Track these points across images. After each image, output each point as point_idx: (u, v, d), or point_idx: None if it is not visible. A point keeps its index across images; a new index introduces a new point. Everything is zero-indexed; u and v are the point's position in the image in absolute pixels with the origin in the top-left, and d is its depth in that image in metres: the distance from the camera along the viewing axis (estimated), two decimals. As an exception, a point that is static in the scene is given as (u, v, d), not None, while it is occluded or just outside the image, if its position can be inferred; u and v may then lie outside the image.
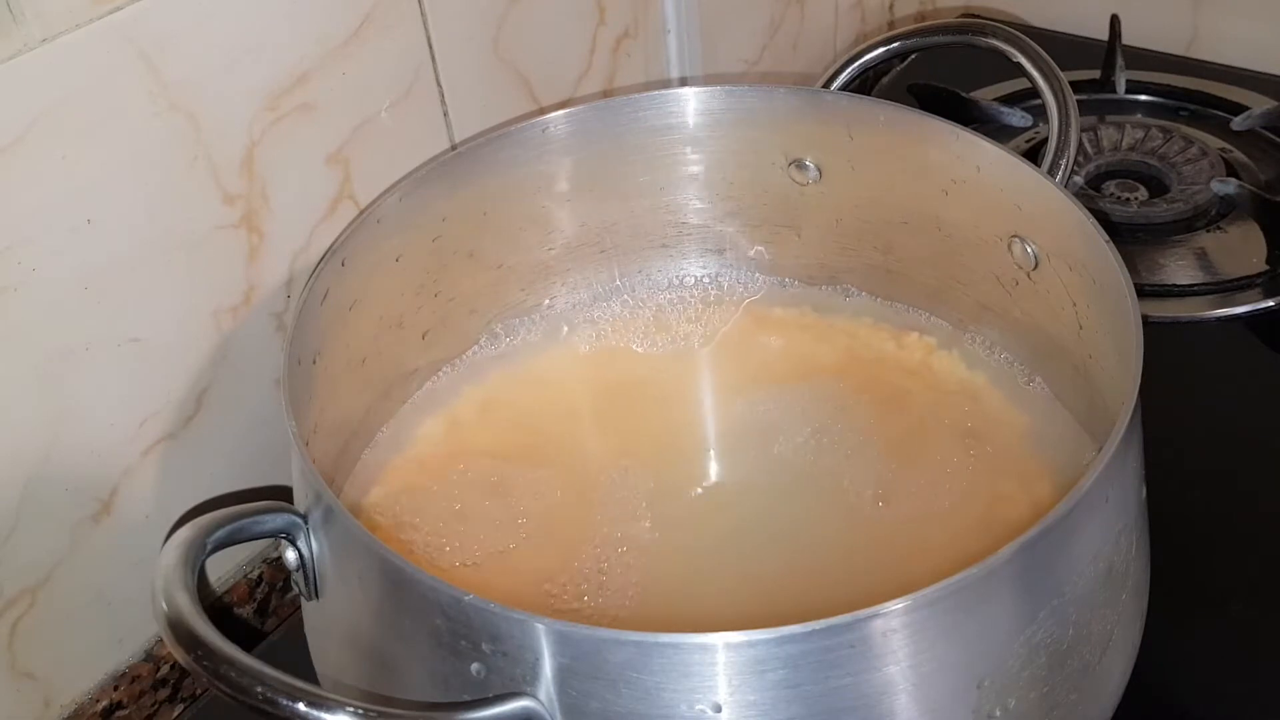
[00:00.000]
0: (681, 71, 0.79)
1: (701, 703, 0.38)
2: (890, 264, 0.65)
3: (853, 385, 0.62)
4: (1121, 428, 0.43)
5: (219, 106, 0.54)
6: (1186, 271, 0.75)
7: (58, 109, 0.48)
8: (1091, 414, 0.57)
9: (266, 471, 0.62)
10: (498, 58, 0.66)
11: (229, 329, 0.58)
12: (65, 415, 0.53)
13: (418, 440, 0.61)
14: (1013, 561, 0.39)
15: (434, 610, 0.40)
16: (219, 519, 0.44)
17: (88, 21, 0.48)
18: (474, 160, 0.60)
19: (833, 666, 0.38)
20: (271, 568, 0.64)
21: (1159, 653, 0.50)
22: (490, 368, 0.64)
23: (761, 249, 0.68)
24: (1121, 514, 0.45)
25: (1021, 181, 0.56)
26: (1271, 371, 0.71)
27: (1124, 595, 0.46)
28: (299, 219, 0.59)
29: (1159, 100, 0.90)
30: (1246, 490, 0.64)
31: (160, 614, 0.39)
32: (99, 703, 0.58)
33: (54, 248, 0.50)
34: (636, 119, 0.63)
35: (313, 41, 0.56)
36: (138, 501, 0.57)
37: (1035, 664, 0.42)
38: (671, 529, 0.56)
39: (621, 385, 0.64)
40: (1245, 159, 0.83)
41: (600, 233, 0.66)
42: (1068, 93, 0.62)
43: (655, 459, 0.59)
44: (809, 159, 0.64)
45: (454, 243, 0.61)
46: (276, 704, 0.37)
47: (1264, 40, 0.93)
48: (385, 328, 0.60)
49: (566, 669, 0.38)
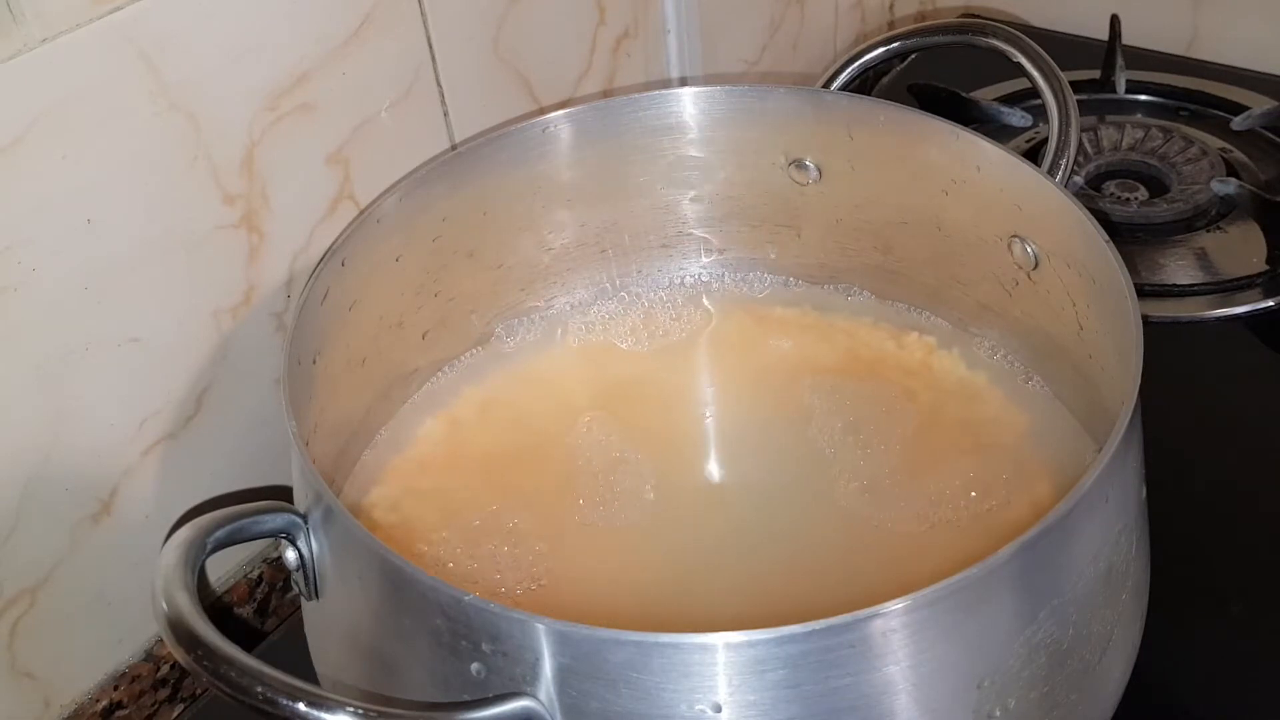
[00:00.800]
0: (681, 71, 0.79)
1: (701, 703, 0.38)
2: (890, 264, 0.65)
3: (853, 385, 0.62)
4: (1121, 428, 0.43)
5: (219, 106, 0.54)
6: (1186, 271, 0.75)
7: (58, 109, 0.48)
8: (1091, 414, 0.57)
9: (266, 471, 0.62)
10: (498, 58, 0.66)
11: (229, 329, 0.58)
12: (65, 415, 0.53)
13: (417, 440, 0.61)
14: (1013, 561, 0.39)
15: (434, 610, 0.40)
16: (219, 519, 0.44)
17: (88, 21, 0.48)
18: (474, 160, 0.60)
19: (833, 666, 0.38)
20: (271, 568, 0.64)
21: (1159, 653, 0.50)
22: (490, 368, 0.64)
23: (761, 249, 0.68)
24: (1121, 514, 0.45)
25: (1021, 181, 0.56)
26: (1271, 371, 0.71)
27: (1124, 595, 0.46)
28: (299, 219, 0.59)
29: (1159, 100, 0.90)
30: (1246, 490, 0.64)
31: (160, 614, 0.39)
32: (99, 702, 0.58)
33: (54, 248, 0.50)
34: (636, 119, 0.63)
35: (313, 41, 0.56)
36: (138, 501, 0.57)
37: (1035, 664, 0.42)
38: (672, 528, 0.56)
39: (621, 385, 0.64)
40: (1245, 159, 0.83)
41: (600, 233, 0.66)
42: (1068, 93, 0.62)
43: (655, 459, 0.59)
44: (809, 159, 0.64)
45: (454, 243, 0.61)
46: (276, 704, 0.37)
47: (1264, 40, 0.93)
48: (385, 328, 0.60)
49: (566, 669, 0.38)
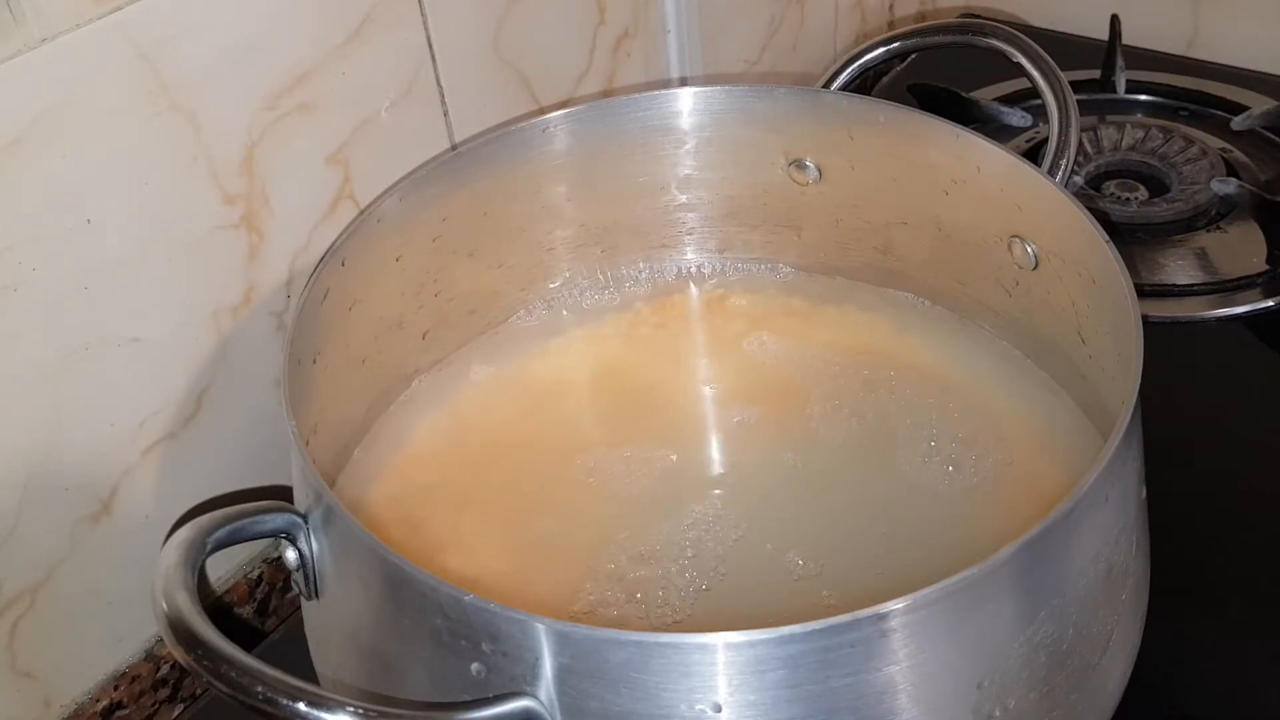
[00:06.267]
0: (681, 71, 0.79)
1: (701, 703, 0.38)
2: (890, 264, 0.65)
3: (853, 384, 0.62)
4: (1121, 428, 0.43)
5: (219, 106, 0.54)
6: (1186, 271, 0.75)
7: (58, 109, 0.48)
8: (1092, 413, 0.57)
9: (266, 471, 0.62)
10: (498, 57, 0.66)
11: (229, 329, 0.58)
12: (65, 415, 0.53)
13: (417, 439, 0.61)
14: (1013, 561, 0.39)
15: (434, 610, 0.40)
16: (219, 519, 0.44)
17: (88, 21, 0.48)
18: (474, 160, 0.60)
19: (833, 666, 0.38)
20: (271, 568, 0.64)
21: (1159, 653, 0.50)
22: (490, 366, 0.64)
23: (762, 249, 0.68)
24: (1121, 514, 0.45)
25: (1021, 181, 0.56)
26: (1271, 371, 0.71)
27: (1124, 595, 0.46)
28: (299, 219, 0.59)
29: (1159, 100, 0.90)
30: (1246, 490, 0.64)
31: (160, 614, 0.40)
32: (99, 702, 0.58)
33: (54, 248, 0.50)
34: (636, 119, 0.63)
35: (313, 41, 0.56)
36: (138, 501, 0.57)
37: (1035, 664, 0.42)
38: (672, 525, 0.56)
39: (622, 384, 0.64)
40: (1245, 159, 0.83)
41: (600, 232, 0.66)
42: (1068, 93, 0.62)
43: (656, 457, 0.59)
44: (809, 159, 0.64)
45: (454, 243, 0.61)
46: (276, 704, 0.37)
47: (1264, 40, 0.93)
48: (385, 328, 0.60)
49: (566, 669, 0.38)
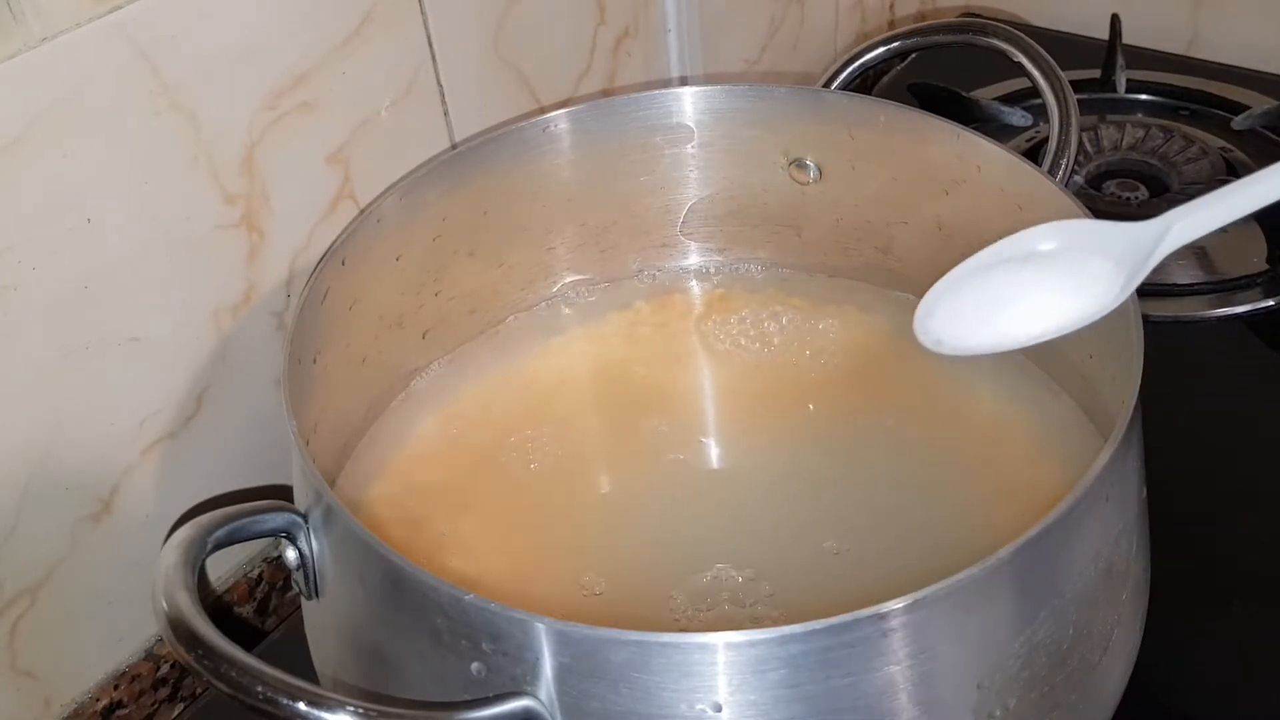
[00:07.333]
0: (681, 71, 0.79)
1: (701, 703, 0.38)
2: (890, 263, 0.65)
3: (853, 383, 0.62)
4: (1121, 428, 0.43)
5: (219, 106, 0.54)
6: (1186, 271, 0.75)
7: (58, 108, 0.48)
8: (1092, 414, 0.57)
9: (266, 471, 0.62)
10: (498, 57, 0.66)
11: (229, 329, 0.58)
12: (65, 415, 0.53)
13: (417, 439, 0.61)
14: (1013, 561, 0.39)
15: (434, 609, 0.40)
16: (219, 518, 0.44)
17: (88, 21, 0.48)
18: (474, 160, 0.60)
19: (833, 666, 0.38)
20: (271, 567, 0.64)
21: (1159, 653, 0.50)
22: (490, 367, 0.64)
23: (762, 249, 0.68)
24: (1121, 514, 0.45)
25: (1022, 181, 0.56)
26: (1271, 371, 0.71)
27: (1124, 595, 0.46)
28: (299, 219, 0.59)
29: (1159, 100, 0.90)
30: (1246, 490, 0.64)
31: (160, 613, 0.39)
32: (99, 702, 0.58)
33: (54, 248, 0.50)
34: (636, 119, 0.63)
35: (313, 41, 0.56)
36: (138, 501, 0.57)
37: (1035, 664, 0.42)
38: (672, 523, 0.56)
39: (622, 384, 0.64)
40: (1245, 159, 0.83)
41: (600, 232, 0.66)
42: (1068, 92, 0.62)
43: (656, 456, 0.59)
44: (809, 159, 0.64)
45: (454, 242, 0.61)
46: (276, 703, 0.37)
47: (1264, 40, 0.93)
48: (385, 327, 0.60)
49: (566, 668, 0.38)
